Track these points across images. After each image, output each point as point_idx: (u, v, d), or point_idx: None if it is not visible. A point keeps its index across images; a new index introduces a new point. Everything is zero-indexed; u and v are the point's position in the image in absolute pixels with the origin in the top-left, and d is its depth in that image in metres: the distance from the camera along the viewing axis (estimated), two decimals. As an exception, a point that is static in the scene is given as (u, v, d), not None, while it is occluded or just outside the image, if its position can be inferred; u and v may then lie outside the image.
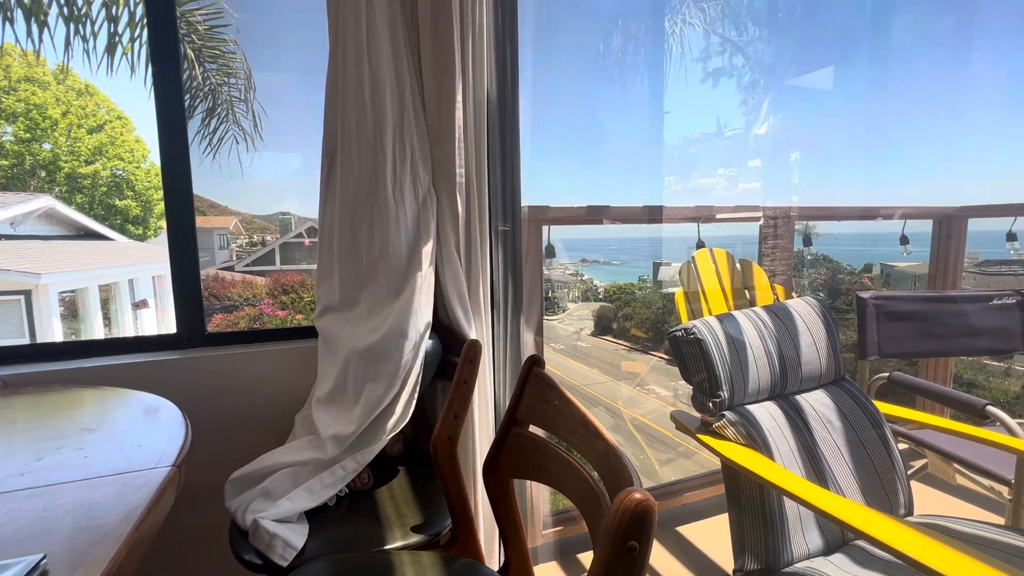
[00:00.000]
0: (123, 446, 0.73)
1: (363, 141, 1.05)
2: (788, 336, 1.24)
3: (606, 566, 0.37)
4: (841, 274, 8.97)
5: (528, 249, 1.36)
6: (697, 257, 1.40)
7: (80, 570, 0.45)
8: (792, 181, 5.40)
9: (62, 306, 6.77)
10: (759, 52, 4.04)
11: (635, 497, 0.37)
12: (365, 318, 1.07)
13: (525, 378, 0.79)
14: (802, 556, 1.01)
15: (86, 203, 16.25)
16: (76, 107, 16.35)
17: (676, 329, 1.16)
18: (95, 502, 0.57)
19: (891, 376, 1.45)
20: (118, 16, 3.22)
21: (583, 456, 0.65)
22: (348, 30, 1.04)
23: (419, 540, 0.90)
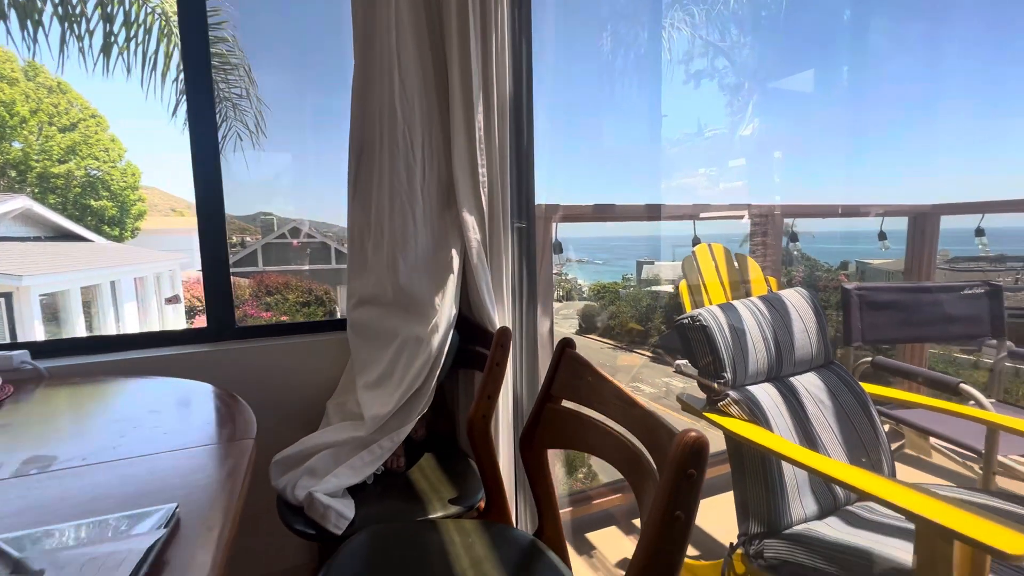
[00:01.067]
0: (194, 424, 0.80)
1: (394, 146, 1.13)
2: (783, 323, 1.35)
3: (669, 491, 0.45)
4: (819, 271, 9.26)
5: (542, 245, 1.44)
6: (697, 252, 1.50)
7: (208, 516, 0.52)
8: (774, 180, 5.59)
9: (43, 309, 6.63)
10: (744, 56, 4.20)
11: (691, 435, 0.46)
12: (405, 309, 1.14)
13: (559, 359, 0.87)
14: (800, 520, 1.12)
15: (59, 204, 15.83)
16: (47, 104, 15.92)
17: (683, 317, 1.26)
18: (195, 467, 0.64)
19: (874, 360, 1.57)
20: (113, 15, 3.21)
21: (620, 423, 0.73)
22: (381, 41, 1.11)
23: (457, 511, 0.98)
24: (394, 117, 1.13)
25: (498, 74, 1.20)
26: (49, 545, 0.45)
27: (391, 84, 1.12)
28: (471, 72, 1.14)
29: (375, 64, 1.16)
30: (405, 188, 1.14)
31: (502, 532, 0.90)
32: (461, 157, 1.15)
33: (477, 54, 1.15)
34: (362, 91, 1.19)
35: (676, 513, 0.45)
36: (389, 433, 1.05)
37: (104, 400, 0.94)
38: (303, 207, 11.67)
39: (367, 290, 1.21)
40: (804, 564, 1.00)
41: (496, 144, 1.20)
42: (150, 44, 3.45)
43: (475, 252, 1.16)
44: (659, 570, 0.45)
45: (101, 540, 0.46)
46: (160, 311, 10.06)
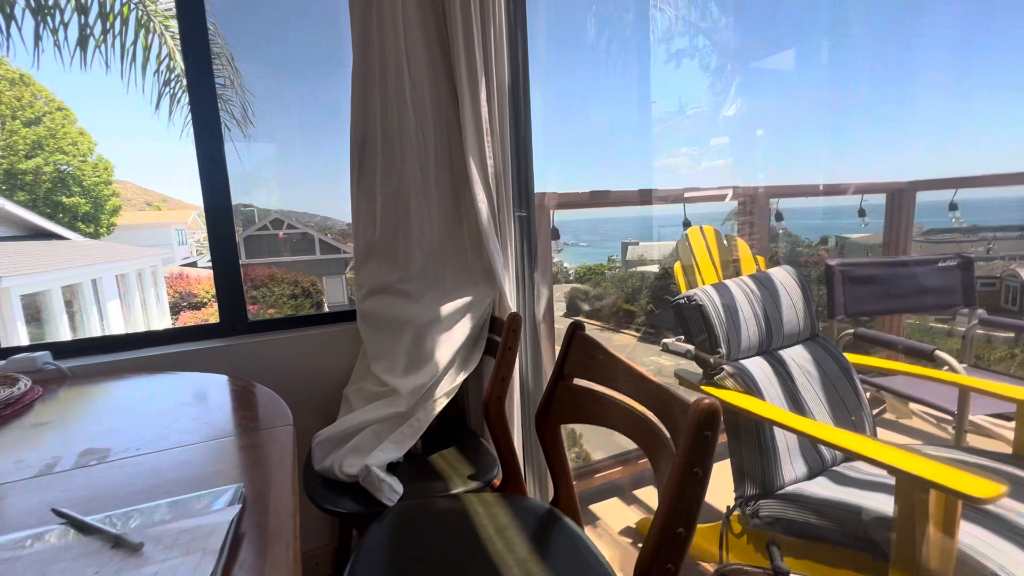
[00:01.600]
0: (231, 414, 0.85)
1: (406, 141, 1.16)
2: (772, 300, 1.43)
3: (689, 451, 0.52)
4: (800, 247, 9.49)
5: (540, 232, 1.49)
6: (690, 234, 1.57)
7: (269, 492, 0.57)
8: (757, 160, 5.69)
9: (24, 310, 6.49)
10: (725, 37, 4.22)
11: (705, 402, 0.52)
12: (421, 297, 1.19)
13: (570, 340, 0.93)
14: (791, 481, 1.21)
15: (29, 201, 15.32)
16: (9, 98, 15.30)
17: (680, 297, 1.33)
18: (244, 451, 0.69)
19: (855, 332, 1.67)
20: (87, 6, 3.12)
21: (632, 398, 0.80)
22: (387, 34, 1.14)
23: (476, 486, 1.05)
24: (404, 112, 1.16)
25: (497, 65, 1.23)
26: (138, 522, 0.50)
27: (400, 80, 1.15)
28: (476, 64, 1.17)
29: (376, 55, 1.18)
30: (419, 181, 1.18)
31: (521, 503, 0.97)
32: (471, 147, 1.19)
33: (479, 45, 1.18)
34: (363, 85, 1.21)
35: (695, 469, 0.52)
36: (424, 406, 1.11)
37: (134, 396, 0.97)
38: (285, 198, 11.48)
39: (378, 280, 1.25)
40: (796, 520, 1.09)
41: (498, 134, 1.24)
42: (127, 35, 3.37)
43: (488, 239, 1.20)
44: (681, 518, 0.52)
45: (185, 516, 0.51)
46: (144, 308, 9.91)
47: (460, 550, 0.83)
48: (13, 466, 0.66)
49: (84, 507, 0.55)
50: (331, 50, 1.27)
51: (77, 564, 0.44)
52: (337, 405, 1.35)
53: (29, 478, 0.63)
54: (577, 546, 0.84)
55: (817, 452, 1.28)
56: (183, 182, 37.30)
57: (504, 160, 1.25)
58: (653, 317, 8.29)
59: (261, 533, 0.50)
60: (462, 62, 1.19)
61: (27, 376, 1.00)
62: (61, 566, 0.44)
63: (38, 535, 0.49)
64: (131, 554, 0.45)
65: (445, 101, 1.24)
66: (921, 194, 2.48)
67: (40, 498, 0.58)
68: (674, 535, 0.52)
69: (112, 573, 0.43)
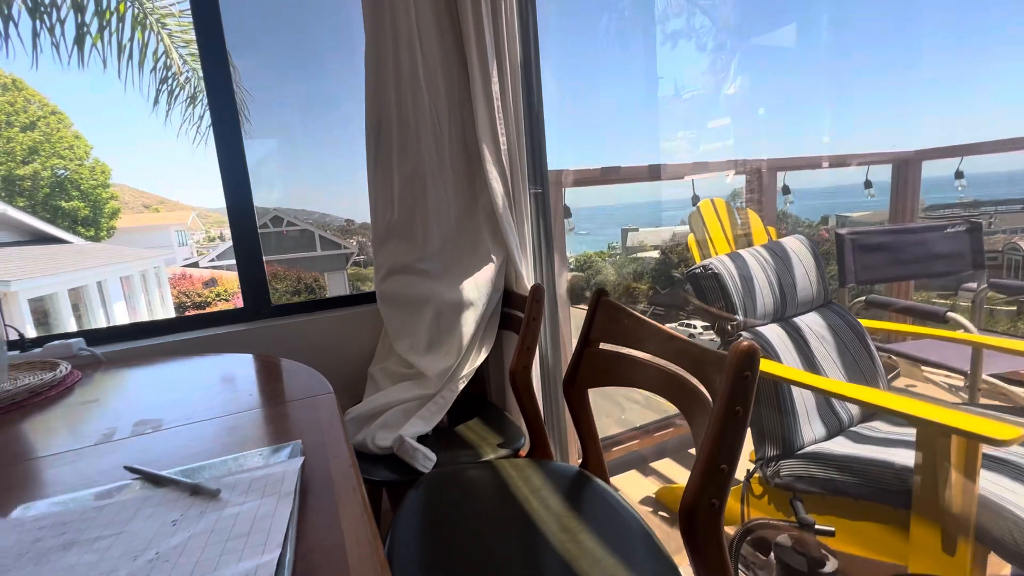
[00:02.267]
0: (273, 386, 0.87)
1: (421, 122, 1.18)
2: (785, 268, 1.45)
3: (730, 390, 0.54)
4: (800, 228, 9.51)
5: (555, 208, 1.51)
6: (702, 207, 1.59)
7: (325, 449, 0.60)
8: (760, 139, 5.64)
9: (32, 313, 6.54)
10: (724, 14, 4.14)
11: (744, 343, 0.55)
12: (441, 275, 1.21)
13: (595, 306, 0.95)
14: (811, 442, 1.24)
15: (29, 207, 15.30)
16: (2, 103, 15.23)
17: (695, 267, 1.35)
18: (297, 416, 0.71)
19: (867, 298, 1.69)
20: (84, 4, 3.11)
21: (661, 357, 0.82)
22: (398, 16, 1.15)
23: (506, 453, 1.08)
24: (418, 92, 1.17)
25: (509, 43, 1.24)
26: (209, 475, 0.53)
27: (413, 61, 1.16)
28: (485, 42, 1.18)
29: (389, 36, 1.19)
30: (435, 159, 1.20)
31: (551, 466, 1.00)
32: (484, 126, 1.20)
33: (489, 24, 1.19)
34: (376, 67, 1.22)
35: (736, 408, 0.54)
36: (449, 385, 1.14)
37: (172, 375, 1.00)
38: (284, 196, 11.48)
39: (396, 260, 1.27)
40: (817, 477, 1.12)
41: (511, 112, 1.25)
42: (124, 33, 3.36)
43: (502, 217, 1.22)
44: (725, 455, 0.54)
45: (253, 467, 0.53)
46: (149, 309, 9.95)
47: (497, 511, 0.86)
48: (72, 437, 0.69)
49: (152, 466, 0.57)
50: (331, 42, 1.28)
51: (159, 510, 0.47)
52: (361, 384, 1.37)
53: (92, 445, 0.65)
54: (609, 502, 0.87)
55: (834, 414, 1.30)
56: (179, 183, 37.07)
57: (518, 137, 1.27)
58: (655, 298, 8.32)
59: (326, 480, 0.53)
60: (472, 41, 1.19)
61: (65, 361, 1.03)
62: (146, 511, 0.46)
63: (118, 488, 0.51)
64: (210, 499, 0.48)
65: (457, 80, 1.25)
66: (926, 167, 2.48)
67: (107, 460, 0.60)
68: (718, 471, 0.54)
69: (196, 515, 0.45)
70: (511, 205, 1.28)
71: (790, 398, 1.23)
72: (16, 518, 0.48)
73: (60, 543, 0.43)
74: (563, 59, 31.06)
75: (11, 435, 0.73)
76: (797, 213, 9.57)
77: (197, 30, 1.26)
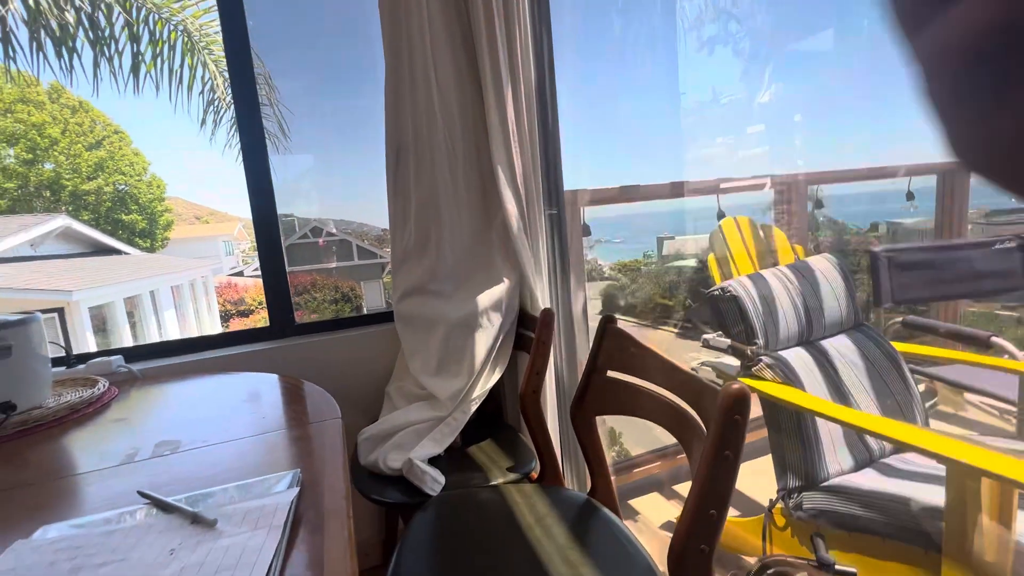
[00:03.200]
0: (286, 409, 0.91)
1: (436, 147, 1.21)
2: (811, 289, 1.40)
3: (719, 434, 0.53)
4: (847, 235, 9.09)
5: (571, 229, 1.51)
6: (724, 225, 1.55)
7: (324, 477, 0.62)
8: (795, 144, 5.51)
9: (92, 320, 6.99)
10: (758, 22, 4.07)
11: (735, 387, 0.54)
12: (451, 296, 1.24)
13: (602, 333, 0.95)
14: (836, 473, 1.18)
15: (93, 220, 16.40)
16: (73, 124, 16.42)
17: (714, 289, 1.32)
18: (298, 442, 0.74)
19: (904, 320, 1.60)
20: (139, 35, 3.35)
21: (664, 388, 0.81)
22: (415, 47, 1.19)
23: (515, 477, 1.08)
24: (433, 118, 1.21)
25: (523, 68, 1.26)
26: (211, 502, 0.56)
27: (428, 87, 1.20)
28: (500, 66, 1.20)
29: (406, 67, 1.23)
30: (449, 182, 1.22)
31: (559, 493, 1.00)
32: (499, 150, 1.22)
33: (503, 49, 1.21)
34: (395, 93, 1.27)
35: (726, 452, 0.53)
36: (461, 407, 1.15)
37: (197, 394, 1.06)
38: (323, 207, 11.88)
39: (411, 282, 1.31)
40: (841, 512, 1.07)
41: (526, 135, 1.27)
42: (175, 60, 3.59)
43: (516, 239, 1.23)
44: (713, 500, 0.53)
45: (251, 497, 0.56)
46: (197, 317, 10.47)
47: (501, 537, 0.87)
48: (100, 456, 0.74)
49: (163, 490, 0.61)
50: (363, 63, 1.33)
51: (162, 537, 0.50)
52: (378, 402, 1.41)
53: (115, 466, 0.70)
54: (615, 534, 0.86)
55: (864, 443, 1.24)
56: (227, 195, 39.01)
57: (533, 159, 1.28)
58: (691, 312, 8.12)
59: (318, 512, 0.55)
60: (487, 68, 1.22)
61: (104, 378, 1.10)
62: (150, 539, 0.50)
63: (128, 513, 0.55)
64: (207, 529, 0.50)
65: (472, 107, 1.27)
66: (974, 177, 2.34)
67: (126, 482, 0.64)
68: (706, 516, 0.53)
69: (193, 544, 0.48)
70: (526, 227, 1.29)
71: (813, 427, 1.18)
72: (36, 539, 0.52)
73: (70, 567, 0.46)
74: (583, 75, 30.77)
75: (48, 452, 0.79)
76: (844, 220, 9.16)
77: (228, 58, 1.33)
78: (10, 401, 0.87)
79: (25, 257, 7.59)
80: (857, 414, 1.03)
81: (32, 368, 0.92)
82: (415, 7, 1.19)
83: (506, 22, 1.22)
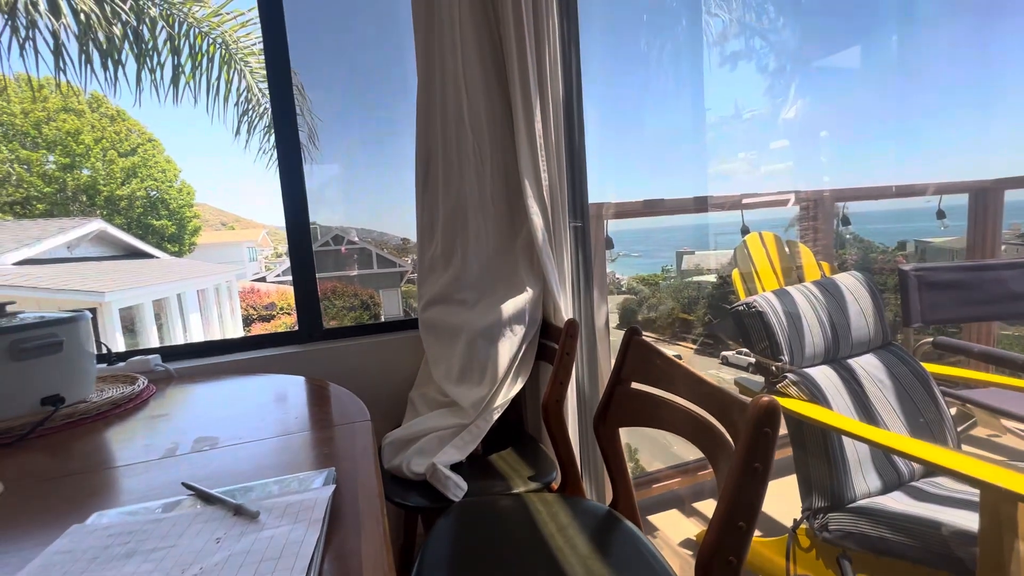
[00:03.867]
0: (317, 411, 0.93)
1: (464, 158, 1.24)
2: (838, 306, 1.38)
3: (749, 447, 0.54)
4: (874, 253, 8.81)
5: (595, 241, 1.52)
6: (748, 241, 1.55)
7: (357, 476, 0.64)
8: (821, 161, 5.36)
9: (121, 321, 7.21)
10: (784, 38, 4.04)
11: (765, 400, 0.54)
12: (475, 305, 1.26)
13: (627, 345, 0.96)
14: (864, 494, 1.16)
15: (124, 224, 16.95)
16: (110, 132, 17.05)
17: (738, 304, 1.31)
18: (331, 442, 0.77)
19: (935, 340, 1.57)
20: (180, 48, 3.49)
21: (690, 400, 0.81)
22: (447, 64, 1.23)
23: (536, 487, 1.09)
24: (463, 132, 1.24)
25: (552, 84, 1.29)
26: (252, 496, 0.58)
27: (458, 101, 1.23)
28: (529, 83, 1.23)
29: (438, 82, 1.27)
30: (476, 194, 1.25)
31: (580, 504, 1.00)
32: (526, 162, 1.25)
33: (533, 67, 1.25)
34: (426, 107, 1.31)
35: (755, 465, 0.53)
36: (483, 415, 1.17)
37: (232, 393, 1.09)
38: (345, 215, 12.11)
39: (436, 290, 1.33)
40: (869, 535, 1.05)
41: (553, 148, 1.29)
42: (213, 72, 3.73)
43: (541, 250, 1.25)
44: (742, 513, 0.54)
45: (290, 492, 0.58)
46: (220, 320, 10.71)
47: (522, 546, 0.87)
48: (143, 449, 0.77)
49: (204, 483, 0.63)
50: (393, 77, 1.38)
51: (207, 527, 0.52)
52: (402, 407, 1.43)
53: (158, 459, 0.73)
54: (637, 546, 0.86)
55: (892, 465, 1.22)
56: (253, 202, 39.97)
57: (560, 173, 1.30)
58: (711, 327, 7.98)
59: (354, 509, 0.57)
60: (516, 84, 1.25)
61: (143, 375, 1.15)
62: (196, 527, 0.52)
63: (174, 503, 0.58)
64: (250, 521, 0.52)
65: (500, 120, 1.31)
66: (1012, 192, 2.29)
67: (169, 474, 0.67)
68: (735, 528, 0.53)
69: (237, 535, 0.50)
70: (551, 238, 1.31)
71: (839, 446, 1.16)
72: (91, 524, 0.54)
73: (124, 551, 0.49)
74: (610, 90, 30.52)
75: (96, 444, 0.83)
76: (870, 238, 8.90)
77: (268, 68, 1.39)
78: (59, 394, 0.91)
79: (61, 259, 7.89)
80: (886, 434, 1.01)
81: (80, 364, 0.97)
82: (448, 24, 1.23)
83: (536, 41, 1.26)
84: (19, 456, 0.78)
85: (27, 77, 13.48)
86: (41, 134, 15.20)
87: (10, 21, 2.70)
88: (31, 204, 15.07)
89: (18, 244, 6.96)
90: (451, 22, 1.23)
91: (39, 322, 0.90)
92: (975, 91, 16.70)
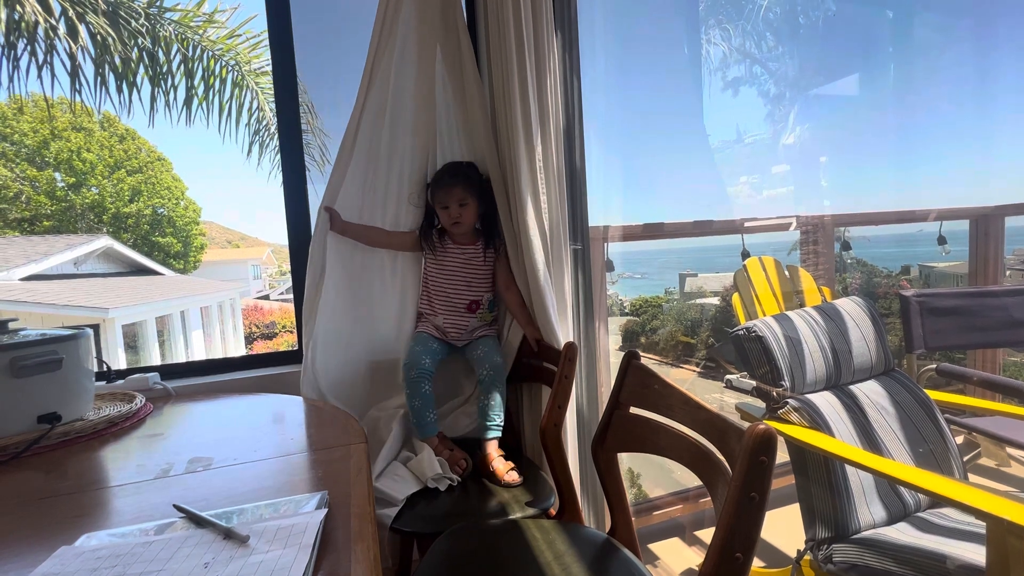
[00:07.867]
0: (314, 431, 0.93)
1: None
2: (839, 332, 1.38)
3: (744, 476, 0.53)
4: (877, 277, 8.77)
5: (595, 264, 1.53)
6: (748, 265, 1.55)
7: (352, 500, 0.63)
8: (821, 185, 5.38)
9: (124, 338, 7.22)
10: (784, 66, 4.11)
11: (760, 427, 0.54)
12: None
13: (625, 369, 0.95)
14: (868, 525, 1.13)
15: (131, 241, 17.09)
16: (119, 151, 17.32)
17: (738, 329, 1.31)
18: (325, 464, 0.76)
19: (938, 367, 1.55)
20: (194, 71, 3.58)
21: (688, 426, 0.81)
22: (454, 114, 1.29)
23: (533, 512, 1.07)
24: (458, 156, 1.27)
25: (553, 113, 1.32)
26: (243, 519, 0.58)
27: (450, 126, 1.28)
28: (529, 106, 1.26)
29: (447, 136, 1.34)
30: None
31: (578, 531, 0.98)
32: (526, 185, 1.26)
33: (533, 90, 1.27)
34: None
35: (752, 495, 0.52)
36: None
37: (229, 413, 1.09)
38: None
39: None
40: (874, 567, 1.02)
41: (554, 173, 1.31)
42: (224, 93, 3.82)
43: (540, 274, 1.26)
44: (739, 543, 0.53)
45: (281, 516, 0.58)
46: (223, 338, 10.71)
47: (517, 573, 0.86)
48: (137, 470, 0.77)
49: (196, 505, 0.63)
50: None
51: (196, 551, 0.52)
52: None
53: (151, 479, 0.73)
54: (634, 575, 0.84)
55: (898, 495, 1.19)
56: (259, 221, 40.45)
57: (560, 197, 1.32)
58: (713, 350, 7.92)
59: (345, 533, 0.56)
60: (517, 107, 1.28)
61: (141, 394, 1.15)
62: (185, 551, 0.51)
63: (164, 525, 0.57)
64: (239, 545, 0.52)
65: (508, 157, 1.34)
66: (1013, 219, 2.30)
67: (161, 495, 0.67)
68: (732, 559, 0.52)
69: (226, 559, 0.50)
70: (550, 261, 1.31)
71: (843, 475, 1.14)
72: (79, 547, 0.54)
73: (111, 574, 0.48)
74: (612, 115, 31.05)
75: (89, 463, 0.82)
76: (873, 262, 8.87)
77: (276, 85, 1.42)
78: (56, 412, 0.91)
79: (67, 275, 7.95)
80: (890, 463, 0.99)
81: (78, 381, 0.97)
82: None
83: (536, 64, 1.28)
84: (13, 474, 0.77)
85: (42, 97, 13.78)
86: (50, 151, 15.40)
87: (29, 46, 2.79)
88: (39, 222, 15.22)
89: (26, 260, 7.03)
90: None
91: (40, 339, 0.90)
92: (974, 118, 16.81)
